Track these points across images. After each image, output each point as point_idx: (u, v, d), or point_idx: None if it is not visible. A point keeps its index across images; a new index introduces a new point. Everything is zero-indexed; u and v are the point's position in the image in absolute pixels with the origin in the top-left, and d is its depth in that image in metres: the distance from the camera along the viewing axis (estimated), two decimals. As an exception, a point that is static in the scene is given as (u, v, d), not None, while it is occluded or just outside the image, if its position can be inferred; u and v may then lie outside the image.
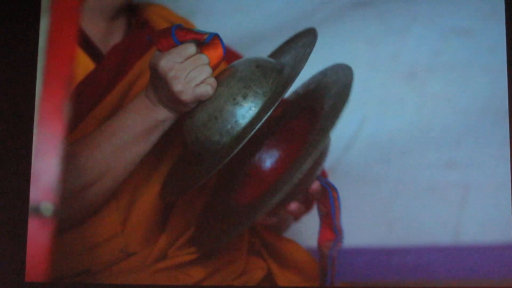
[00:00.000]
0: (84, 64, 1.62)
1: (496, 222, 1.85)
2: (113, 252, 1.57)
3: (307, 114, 1.54)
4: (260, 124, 1.38)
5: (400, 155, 1.93)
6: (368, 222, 1.91)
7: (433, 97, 1.93)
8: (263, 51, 1.94)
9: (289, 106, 1.61)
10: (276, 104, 1.40)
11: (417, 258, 1.87)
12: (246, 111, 1.42)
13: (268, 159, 1.60)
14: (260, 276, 1.61)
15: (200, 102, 1.45)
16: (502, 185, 1.72)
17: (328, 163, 1.94)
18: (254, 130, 1.38)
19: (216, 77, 1.46)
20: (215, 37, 1.46)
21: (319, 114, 1.47)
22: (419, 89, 1.94)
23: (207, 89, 1.43)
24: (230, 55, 1.68)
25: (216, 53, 1.46)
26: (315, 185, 1.45)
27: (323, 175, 1.68)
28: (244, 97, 1.43)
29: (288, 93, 1.45)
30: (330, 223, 1.46)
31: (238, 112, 1.42)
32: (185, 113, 1.47)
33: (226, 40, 1.50)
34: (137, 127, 1.49)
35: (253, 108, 1.42)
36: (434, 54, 1.93)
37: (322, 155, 1.46)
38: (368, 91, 1.93)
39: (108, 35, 1.66)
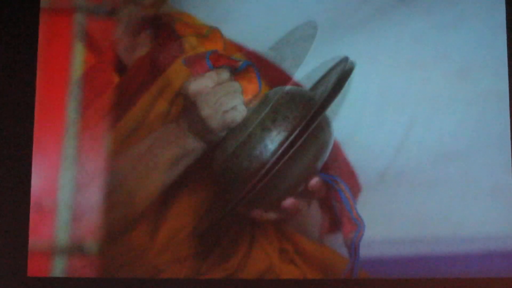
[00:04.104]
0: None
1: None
2: (143, 269, 1.55)
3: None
4: (293, 149, 1.36)
5: (458, 157, 1.87)
6: (426, 228, 1.86)
7: (486, 95, 1.87)
8: (301, 55, 1.88)
9: None
10: (308, 125, 1.37)
11: (481, 265, 1.82)
12: (275, 135, 1.40)
13: None
14: (261, 269, 1.58)
15: (229, 131, 1.42)
16: None
17: (378, 168, 1.89)
18: (288, 155, 1.36)
19: (247, 105, 1.44)
20: (251, 68, 1.45)
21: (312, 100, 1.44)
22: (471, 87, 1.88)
23: (235, 115, 1.42)
24: (261, 62, 1.66)
25: (251, 87, 1.46)
26: (314, 181, 1.43)
27: (352, 175, 1.69)
28: (273, 121, 1.40)
29: None
30: (348, 215, 1.46)
31: (267, 137, 1.40)
32: (214, 144, 1.45)
33: (259, 45, 1.50)
34: (163, 155, 1.48)
35: (282, 132, 1.40)
36: (485, 50, 1.87)
37: (320, 149, 1.43)
38: (415, 91, 1.88)
39: (133, 47, 1.65)
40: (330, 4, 1.92)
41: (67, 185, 1.44)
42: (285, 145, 1.37)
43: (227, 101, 1.42)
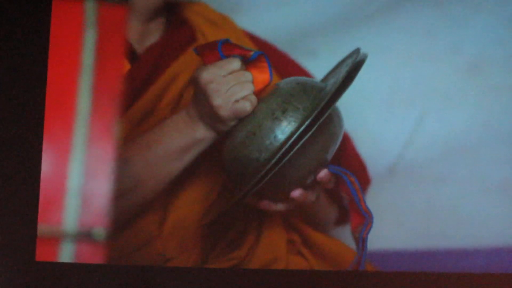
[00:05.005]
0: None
1: None
2: (151, 257, 1.55)
3: None
4: (303, 140, 1.34)
5: (467, 151, 1.86)
6: (434, 223, 1.85)
7: (497, 89, 1.86)
8: (313, 46, 1.88)
9: None
10: (318, 116, 1.35)
11: (488, 261, 1.81)
12: (285, 126, 1.38)
13: None
14: (268, 259, 1.59)
15: (239, 121, 1.42)
16: None
17: (387, 162, 1.88)
18: (298, 146, 1.34)
19: (257, 96, 1.42)
20: (262, 58, 1.43)
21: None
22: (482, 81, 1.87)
23: (245, 105, 1.40)
24: (273, 53, 1.67)
25: (262, 77, 1.43)
26: (323, 173, 1.42)
27: (362, 168, 1.69)
28: (283, 112, 1.39)
29: None
30: (356, 207, 1.45)
31: (276, 127, 1.38)
32: (224, 133, 1.44)
33: (272, 36, 1.47)
34: (173, 143, 1.47)
35: (293, 123, 1.38)
36: (498, 44, 1.85)
37: (330, 141, 1.42)
38: (426, 84, 1.87)
39: (145, 35, 1.64)
40: (342, -5, 1.91)
41: (76, 171, 1.43)
42: (295, 136, 1.36)
43: (238, 90, 1.40)
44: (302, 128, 1.36)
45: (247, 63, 1.43)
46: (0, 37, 1.53)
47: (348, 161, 1.68)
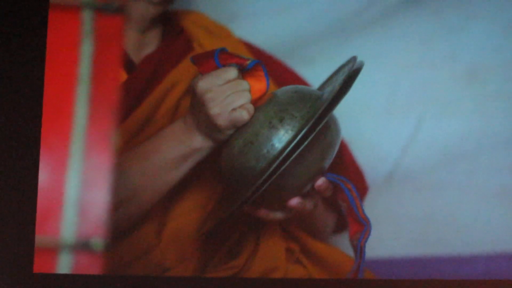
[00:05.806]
0: (117, 75, 1.60)
1: None
2: (149, 267, 1.55)
3: None
4: (300, 149, 1.34)
5: (465, 158, 1.86)
6: (433, 230, 1.85)
7: (494, 96, 1.86)
8: (309, 55, 1.88)
9: None
10: (315, 125, 1.35)
11: (487, 267, 1.81)
12: (282, 135, 1.38)
13: None
14: (267, 268, 1.58)
15: (237, 130, 1.41)
16: None
17: (385, 169, 1.88)
18: (295, 154, 1.34)
19: (254, 104, 1.42)
20: (259, 67, 1.43)
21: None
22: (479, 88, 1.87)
23: (242, 114, 1.40)
24: (270, 62, 1.67)
25: (259, 85, 1.44)
26: (320, 181, 1.42)
27: (359, 176, 1.69)
28: (281, 120, 1.39)
29: None
30: (354, 215, 1.44)
31: (274, 135, 1.38)
32: (221, 143, 1.44)
33: (268, 45, 1.46)
34: (170, 153, 1.47)
35: (290, 131, 1.38)
36: (495, 51, 1.86)
37: (327, 149, 1.42)
38: (423, 91, 1.87)
39: (142, 45, 1.64)
40: (338, 4, 1.92)
41: (74, 182, 1.43)
42: (292, 144, 1.36)
43: (235, 99, 1.40)
44: (299, 136, 1.36)
45: (244, 72, 1.43)
46: (-3, 48, 1.53)
47: (346, 169, 1.68)
